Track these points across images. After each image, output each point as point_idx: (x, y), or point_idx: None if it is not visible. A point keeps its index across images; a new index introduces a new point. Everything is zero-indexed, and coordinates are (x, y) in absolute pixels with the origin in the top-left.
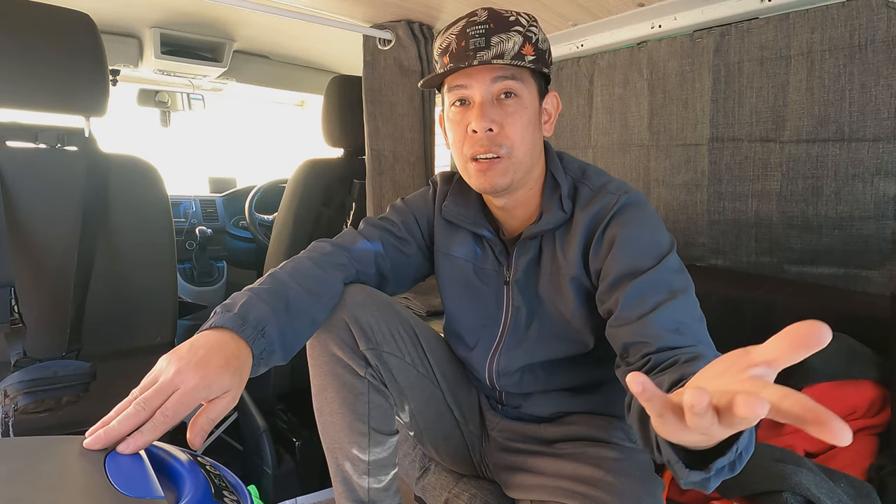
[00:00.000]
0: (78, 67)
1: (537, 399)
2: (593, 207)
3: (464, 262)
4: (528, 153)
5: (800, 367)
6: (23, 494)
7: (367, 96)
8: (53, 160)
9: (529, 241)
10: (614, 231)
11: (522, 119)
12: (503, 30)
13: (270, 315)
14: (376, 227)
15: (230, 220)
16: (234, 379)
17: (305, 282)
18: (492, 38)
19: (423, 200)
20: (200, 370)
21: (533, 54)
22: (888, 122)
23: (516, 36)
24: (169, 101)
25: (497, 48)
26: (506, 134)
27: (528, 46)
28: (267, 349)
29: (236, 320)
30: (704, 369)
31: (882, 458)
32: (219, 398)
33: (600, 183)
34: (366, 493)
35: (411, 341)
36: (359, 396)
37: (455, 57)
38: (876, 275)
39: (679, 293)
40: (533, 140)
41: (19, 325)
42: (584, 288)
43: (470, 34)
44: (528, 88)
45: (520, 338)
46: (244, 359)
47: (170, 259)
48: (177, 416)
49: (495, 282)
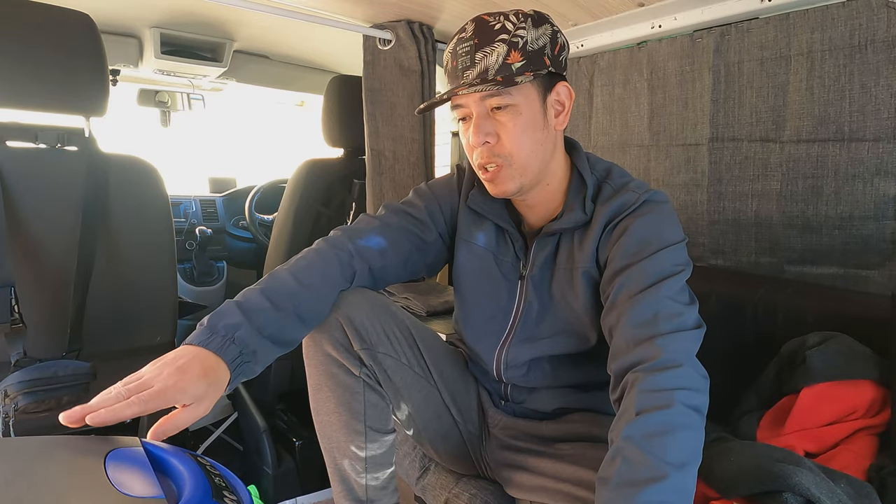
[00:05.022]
0: (78, 67)
1: (542, 394)
2: (613, 204)
3: (485, 251)
4: (530, 156)
5: (800, 367)
6: (23, 494)
7: (367, 96)
8: (53, 160)
9: (548, 237)
10: (627, 222)
11: (517, 127)
12: (487, 42)
13: (241, 320)
14: (397, 213)
15: (230, 220)
16: (209, 389)
17: (301, 274)
18: (476, 55)
19: (447, 188)
20: (179, 375)
21: (521, 59)
22: (888, 122)
23: (500, 46)
24: (169, 101)
25: (481, 64)
26: (502, 144)
27: (515, 53)
28: (243, 352)
29: (205, 334)
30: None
31: (882, 458)
32: (192, 405)
33: (622, 182)
34: (364, 492)
35: (406, 342)
36: (355, 395)
37: (450, 76)
38: (876, 275)
39: (668, 279)
40: (533, 143)
41: (19, 325)
42: (594, 280)
43: (459, 52)
44: (523, 94)
45: (530, 332)
46: (221, 371)
47: (170, 259)
48: (150, 403)
49: (512, 275)
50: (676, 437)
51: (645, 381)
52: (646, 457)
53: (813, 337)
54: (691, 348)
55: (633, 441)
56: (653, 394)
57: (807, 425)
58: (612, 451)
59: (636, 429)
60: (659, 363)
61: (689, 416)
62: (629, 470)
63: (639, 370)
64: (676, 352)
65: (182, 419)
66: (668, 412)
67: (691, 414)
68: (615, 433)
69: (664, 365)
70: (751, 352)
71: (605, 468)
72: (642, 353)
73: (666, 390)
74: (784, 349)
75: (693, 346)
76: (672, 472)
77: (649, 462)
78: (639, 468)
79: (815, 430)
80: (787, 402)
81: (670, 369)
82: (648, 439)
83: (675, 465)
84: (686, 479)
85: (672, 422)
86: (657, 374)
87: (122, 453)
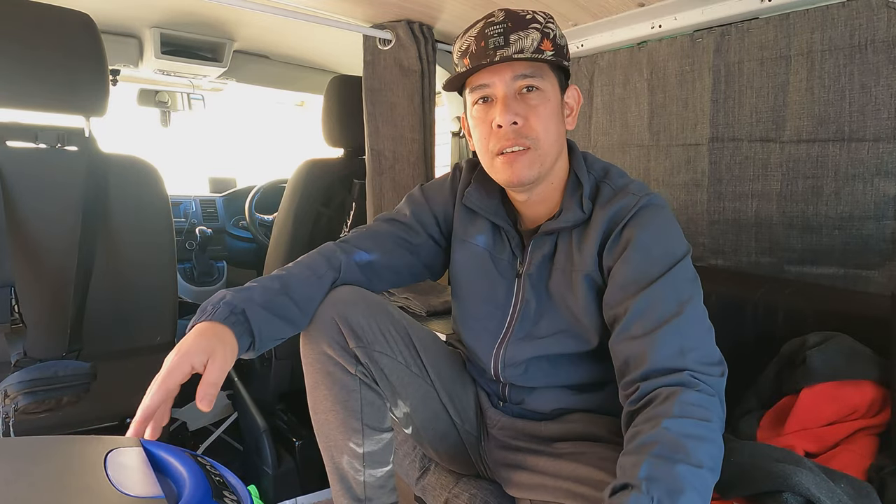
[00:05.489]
0: (78, 67)
1: (541, 394)
2: (613, 207)
3: (481, 249)
4: (553, 144)
5: (800, 367)
6: (23, 494)
7: (367, 96)
8: (53, 160)
9: (546, 236)
10: (630, 233)
11: (546, 111)
12: (521, 27)
13: (226, 293)
14: (384, 220)
15: (230, 219)
16: (215, 342)
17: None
18: (510, 37)
19: (441, 191)
20: (180, 349)
21: (552, 49)
22: (888, 122)
23: (534, 32)
24: (169, 101)
25: (516, 45)
26: (531, 125)
27: (547, 42)
28: (233, 311)
29: (195, 318)
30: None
31: (882, 458)
32: (210, 362)
33: (622, 183)
34: (362, 490)
35: (403, 341)
36: (351, 393)
37: (475, 57)
38: (876, 275)
39: (686, 305)
40: (557, 132)
41: (20, 325)
42: (596, 285)
43: (489, 34)
44: (550, 82)
45: (527, 330)
46: (219, 329)
47: (170, 259)
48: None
49: (509, 273)
50: (709, 448)
51: (686, 394)
52: (683, 447)
53: (813, 337)
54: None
55: (672, 432)
56: (693, 406)
57: (807, 425)
58: (650, 435)
59: (676, 424)
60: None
61: (719, 439)
62: (667, 450)
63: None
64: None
65: (212, 376)
66: (707, 425)
67: (720, 438)
68: (649, 424)
69: (706, 392)
70: (751, 352)
71: (640, 444)
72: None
73: (705, 408)
74: (784, 349)
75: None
76: (703, 469)
77: (686, 451)
78: (676, 452)
79: (816, 430)
80: (788, 402)
81: (710, 396)
82: (686, 437)
83: (706, 467)
84: (711, 480)
85: (708, 435)
86: (697, 395)
87: (122, 453)
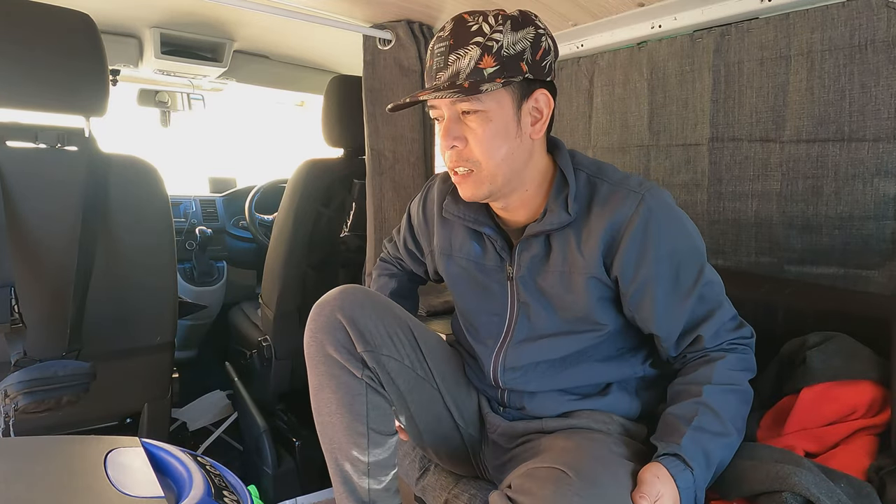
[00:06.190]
0: (78, 67)
1: (541, 398)
2: (615, 205)
3: (466, 261)
4: (500, 164)
5: (800, 367)
6: (23, 494)
7: (367, 96)
8: (53, 160)
9: (533, 238)
10: (646, 236)
11: (487, 132)
12: (461, 44)
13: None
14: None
15: (230, 220)
16: None
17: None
18: (449, 57)
19: (415, 209)
20: None
21: (494, 65)
22: (888, 122)
23: (473, 49)
24: (169, 101)
25: (453, 67)
26: (470, 149)
27: (488, 58)
28: None
29: None
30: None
31: (882, 458)
32: None
33: (619, 177)
34: (366, 494)
35: (410, 344)
36: (357, 397)
37: (427, 76)
38: (876, 275)
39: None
40: (508, 150)
41: (19, 325)
42: (601, 287)
43: (435, 52)
44: (494, 99)
45: (527, 334)
46: None
47: (170, 259)
48: None
49: (499, 278)
50: (741, 409)
51: (728, 360)
52: (719, 415)
53: (813, 337)
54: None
55: (713, 395)
56: (732, 372)
57: (807, 425)
58: (693, 402)
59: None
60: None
61: (749, 401)
62: (707, 421)
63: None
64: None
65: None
66: (742, 389)
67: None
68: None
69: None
70: None
71: (683, 409)
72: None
73: (744, 372)
74: (784, 349)
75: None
76: (734, 434)
77: (721, 419)
78: (713, 423)
79: (815, 430)
80: (787, 402)
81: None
82: (724, 395)
83: (737, 430)
84: (738, 442)
85: (743, 397)
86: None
87: (122, 453)
